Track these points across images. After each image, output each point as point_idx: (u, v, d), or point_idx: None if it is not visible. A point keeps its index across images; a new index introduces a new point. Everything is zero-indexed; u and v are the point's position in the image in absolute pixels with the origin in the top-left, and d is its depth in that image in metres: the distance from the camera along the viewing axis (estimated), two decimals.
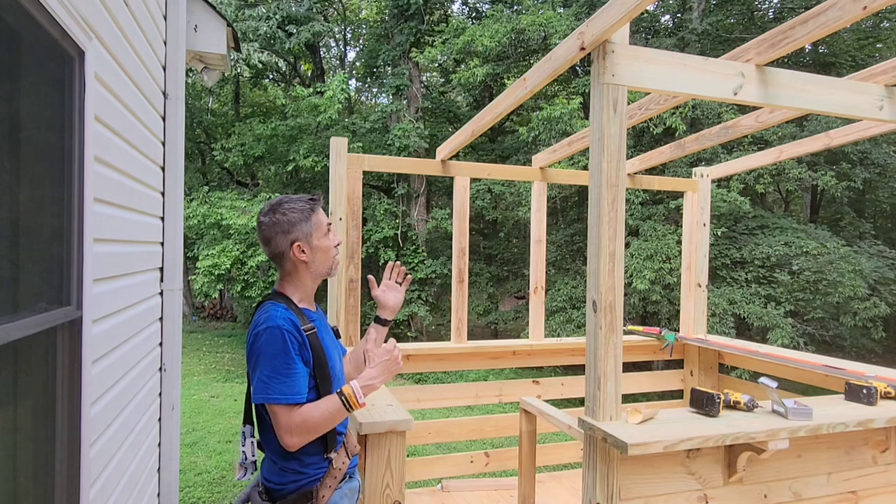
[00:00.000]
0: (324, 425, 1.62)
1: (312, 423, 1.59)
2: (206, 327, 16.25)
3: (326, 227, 1.76)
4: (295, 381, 1.58)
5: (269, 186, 14.64)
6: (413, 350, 3.86)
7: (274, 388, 1.55)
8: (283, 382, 1.56)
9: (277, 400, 1.55)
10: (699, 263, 4.37)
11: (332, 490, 1.69)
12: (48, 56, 1.42)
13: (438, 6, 14.29)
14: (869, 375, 2.79)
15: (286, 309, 1.66)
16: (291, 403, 1.56)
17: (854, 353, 10.93)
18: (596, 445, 2.05)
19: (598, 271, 2.04)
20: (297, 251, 1.72)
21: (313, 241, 1.73)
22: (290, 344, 1.58)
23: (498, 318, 13.34)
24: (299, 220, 1.71)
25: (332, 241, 1.77)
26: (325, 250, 1.75)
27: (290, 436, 1.57)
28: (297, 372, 1.58)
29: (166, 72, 2.81)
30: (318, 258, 1.75)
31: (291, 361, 1.58)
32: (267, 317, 1.61)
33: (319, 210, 1.77)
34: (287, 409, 1.57)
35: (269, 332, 1.58)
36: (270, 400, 1.56)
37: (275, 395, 1.55)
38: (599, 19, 1.98)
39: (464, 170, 3.99)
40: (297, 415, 1.57)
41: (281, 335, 1.58)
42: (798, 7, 10.98)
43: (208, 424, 7.41)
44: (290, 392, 1.56)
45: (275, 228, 1.71)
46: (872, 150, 10.81)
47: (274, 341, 1.57)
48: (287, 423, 1.57)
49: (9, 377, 1.30)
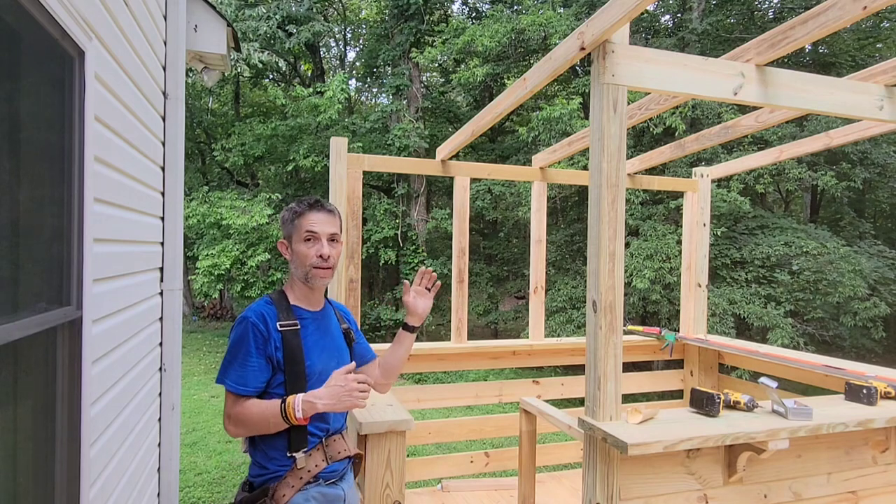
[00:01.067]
0: (258, 425, 1.65)
1: (248, 419, 1.64)
2: (206, 327, 16.25)
3: (305, 234, 1.76)
4: (245, 373, 1.65)
5: (269, 186, 14.64)
6: (413, 350, 3.83)
7: (228, 374, 1.66)
8: (235, 371, 1.65)
9: (227, 385, 1.65)
10: (699, 263, 4.37)
11: (294, 490, 1.66)
12: (48, 56, 1.42)
13: (438, 6, 14.29)
14: (869, 375, 2.79)
15: (268, 304, 1.74)
16: (237, 393, 1.64)
17: (854, 353, 10.93)
18: (596, 445, 2.05)
19: (598, 271, 2.04)
20: (281, 248, 1.83)
21: (293, 244, 1.79)
22: (253, 337, 1.66)
23: (498, 318, 13.34)
24: (287, 220, 1.81)
25: (311, 249, 1.75)
26: (299, 255, 1.76)
27: (228, 421, 1.66)
28: (250, 365, 1.65)
29: (166, 72, 2.80)
30: (295, 261, 1.79)
31: (248, 354, 1.65)
32: (247, 309, 1.73)
33: (308, 215, 1.77)
34: (233, 397, 1.65)
35: (238, 323, 1.70)
36: (223, 383, 1.66)
37: (226, 381, 1.65)
38: (599, 19, 1.98)
39: (464, 170, 3.99)
40: (239, 405, 1.64)
41: (245, 328, 1.67)
42: (798, 7, 10.98)
43: (208, 424, 7.41)
44: (237, 382, 1.64)
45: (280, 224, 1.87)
46: (872, 150, 10.81)
47: (239, 332, 1.68)
48: (229, 409, 1.65)
49: (9, 377, 1.30)
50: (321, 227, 1.76)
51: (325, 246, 1.75)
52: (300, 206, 1.78)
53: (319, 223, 1.76)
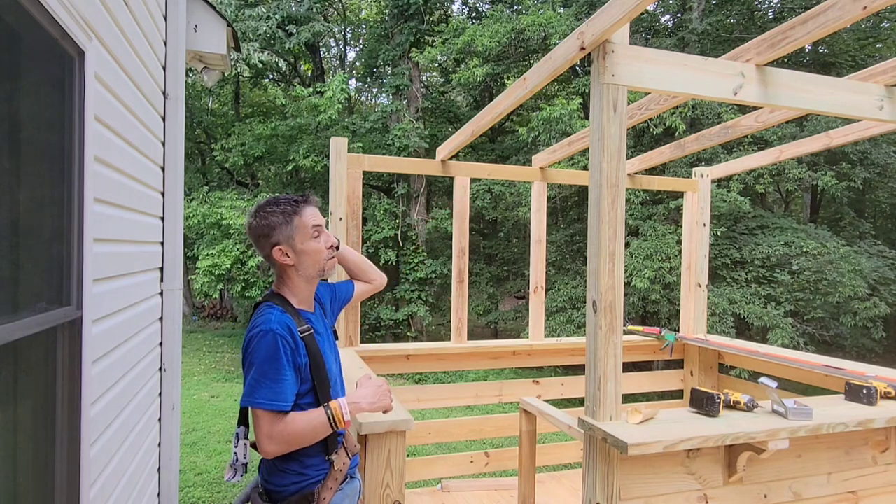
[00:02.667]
0: (306, 438, 1.58)
1: (295, 434, 1.55)
2: (206, 327, 16.25)
3: (312, 229, 1.68)
4: (282, 388, 1.54)
5: (269, 186, 14.64)
6: (413, 350, 3.86)
7: (260, 393, 1.52)
8: (269, 388, 1.53)
9: (262, 405, 1.52)
10: (699, 263, 4.37)
11: (333, 492, 1.67)
12: (48, 56, 1.42)
13: (438, 6, 14.28)
14: (869, 375, 2.79)
15: (282, 312, 1.63)
16: (275, 410, 1.53)
17: (854, 353, 10.94)
18: (596, 445, 2.05)
19: (598, 271, 2.04)
20: (280, 255, 1.68)
21: (297, 245, 1.67)
22: (283, 350, 1.55)
23: (498, 318, 13.34)
24: (279, 224, 1.66)
25: (322, 242, 1.70)
26: (311, 253, 1.69)
27: (269, 442, 1.53)
28: (285, 378, 1.55)
29: (166, 72, 2.81)
30: (305, 261, 1.69)
31: (281, 367, 1.54)
32: (263, 320, 1.59)
33: (305, 211, 1.69)
34: (270, 416, 1.53)
35: (262, 335, 1.56)
36: (255, 404, 1.53)
37: (260, 400, 1.52)
38: (599, 19, 1.98)
39: (464, 170, 3.99)
40: (280, 422, 1.54)
41: (274, 340, 1.55)
42: (798, 7, 10.99)
43: (208, 424, 7.41)
44: (275, 398, 1.53)
45: (256, 232, 1.69)
46: (872, 150, 10.81)
47: (266, 346, 1.54)
48: (269, 429, 1.53)
49: (9, 377, 1.30)
50: (319, 218, 1.74)
51: (330, 235, 1.76)
52: (291, 206, 1.68)
53: (317, 216, 1.74)
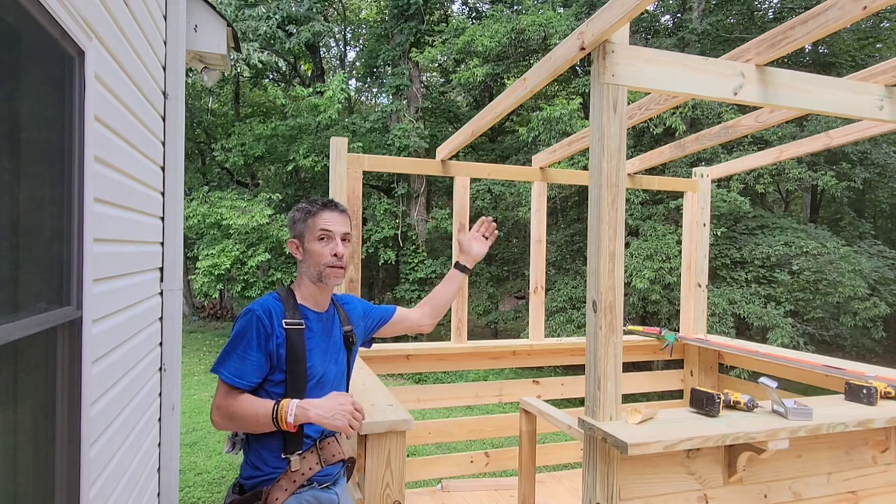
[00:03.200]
0: (245, 421, 1.62)
1: (237, 414, 1.61)
2: (206, 327, 16.25)
3: (319, 232, 1.75)
4: (244, 367, 1.62)
5: (269, 186, 14.64)
6: (413, 350, 3.86)
7: (225, 365, 1.63)
8: (233, 362, 1.62)
9: (222, 375, 1.62)
10: (699, 263, 4.37)
11: (287, 494, 1.64)
12: (48, 56, 1.42)
13: (438, 6, 14.29)
14: (869, 375, 2.79)
15: (276, 300, 1.73)
16: (230, 384, 1.62)
17: (854, 353, 10.94)
18: (596, 445, 2.05)
19: (598, 271, 2.04)
20: (292, 248, 1.81)
21: (305, 243, 1.78)
22: (256, 332, 1.64)
23: (498, 318, 13.34)
24: (298, 220, 1.79)
25: (326, 248, 1.75)
26: (313, 254, 1.75)
27: (216, 412, 1.63)
28: (249, 358, 1.62)
29: (166, 72, 2.80)
30: (308, 260, 1.77)
31: (249, 347, 1.63)
32: (253, 303, 1.71)
33: (322, 214, 1.76)
34: (226, 388, 1.62)
35: (244, 314, 1.68)
36: (218, 372, 1.63)
37: (223, 371, 1.62)
38: (599, 19, 1.98)
39: (464, 170, 3.99)
40: (231, 398, 1.62)
41: (250, 321, 1.65)
42: (798, 7, 10.99)
43: (208, 424, 7.40)
44: (234, 374, 1.61)
45: (288, 224, 1.85)
46: (872, 150, 10.81)
47: (242, 324, 1.66)
48: (220, 400, 1.62)
49: (9, 377, 1.30)
50: (335, 226, 1.76)
51: (339, 245, 1.77)
52: (313, 206, 1.78)
53: (334, 222, 1.76)
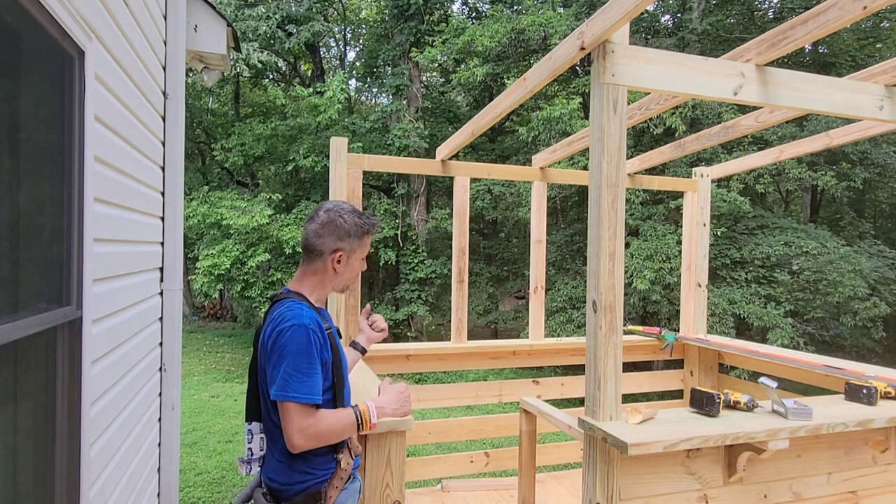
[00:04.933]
0: (334, 435, 1.65)
1: (324, 430, 1.61)
2: (206, 327, 16.25)
3: (364, 252, 1.85)
4: (315, 382, 1.58)
5: (269, 186, 14.65)
6: (413, 350, 3.86)
7: (293, 387, 1.55)
8: (302, 382, 1.56)
9: (296, 398, 1.55)
10: (699, 263, 4.37)
11: (338, 491, 1.70)
12: (48, 56, 1.42)
13: (438, 6, 14.29)
14: (869, 375, 2.79)
15: (310, 308, 1.68)
16: (308, 404, 1.56)
17: (854, 353, 10.93)
18: (596, 445, 2.05)
19: (598, 271, 2.04)
20: (335, 260, 1.77)
21: (352, 259, 1.81)
22: (314, 344, 1.60)
23: (498, 318, 13.34)
24: (354, 234, 1.79)
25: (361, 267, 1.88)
26: (353, 271, 1.85)
27: (300, 436, 1.56)
28: (317, 373, 1.59)
29: (166, 72, 2.81)
30: (346, 275, 1.82)
31: (314, 361, 1.59)
32: (293, 314, 1.61)
33: (370, 237, 1.87)
34: (303, 409, 1.56)
35: (295, 329, 1.58)
36: (289, 398, 1.55)
37: (293, 394, 1.55)
38: (599, 19, 1.98)
39: (464, 170, 3.98)
40: (311, 417, 1.58)
41: (307, 334, 1.58)
42: (798, 7, 10.99)
43: (208, 424, 7.41)
44: (308, 392, 1.56)
45: (329, 228, 1.76)
46: (872, 150, 10.81)
47: (300, 339, 1.57)
48: (300, 423, 1.56)
49: (9, 377, 1.30)
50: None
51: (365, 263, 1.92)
52: (367, 225, 1.82)
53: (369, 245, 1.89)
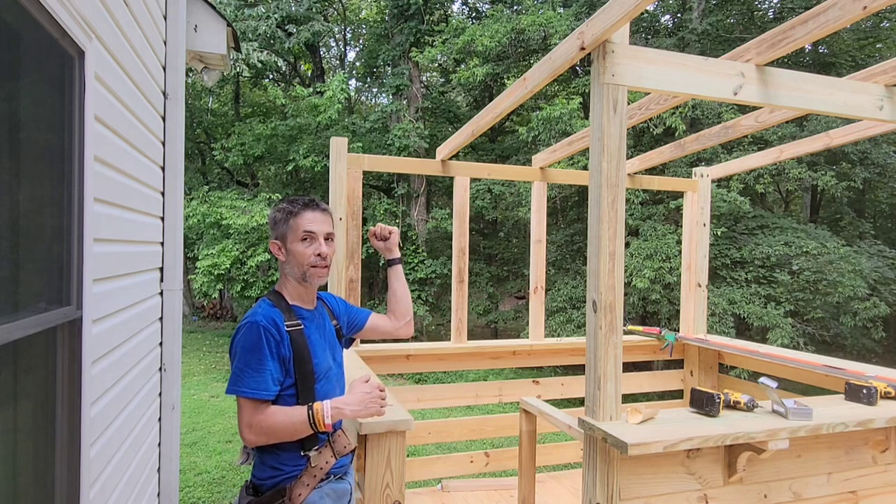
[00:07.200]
0: (284, 432, 1.63)
1: (274, 426, 1.60)
2: (206, 327, 16.25)
3: (302, 233, 1.74)
4: (264, 378, 1.60)
5: (269, 186, 14.64)
6: (413, 350, 3.86)
7: (243, 382, 1.59)
8: (252, 377, 1.59)
9: (245, 393, 1.59)
10: (699, 263, 4.37)
11: (309, 489, 1.67)
12: (48, 56, 1.42)
13: (438, 6, 14.29)
14: (869, 375, 2.79)
15: (271, 306, 1.71)
16: (257, 399, 1.59)
17: (854, 353, 10.93)
18: (596, 445, 2.05)
19: (598, 271, 2.04)
20: (274, 248, 1.80)
21: (287, 244, 1.76)
22: (266, 341, 1.62)
23: (498, 317, 13.34)
24: (280, 221, 1.77)
25: (309, 248, 1.74)
26: (296, 255, 1.74)
27: (249, 430, 1.60)
28: (267, 369, 1.61)
29: (166, 72, 2.80)
30: (291, 261, 1.76)
31: (264, 357, 1.61)
32: (251, 313, 1.68)
33: (304, 215, 1.75)
34: (252, 404, 1.60)
35: (247, 327, 1.64)
36: (239, 392, 1.59)
37: (243, 389, 1.59)
38: (599, 19, 1.98)
39: (464, 170, 3.99)
40: (261, 413, 1.60)
41: (257, 331, 1.62)
42: (798, 7, 10.98)
43: (208, 424, 7.41)
44: (257, 388, 1.59)
45: (270, 224, 1.82)
46: (872, 150, 10.81)
47: (250, 336, 1.62)
48: (249, 418, 1.59)
49: (9, 377, 1.30)
50: (318, 226, 1.76)
51: (323, 245, 1.76)
52: (294, 206, 1.76)
53: (316, 223, 1.76)
